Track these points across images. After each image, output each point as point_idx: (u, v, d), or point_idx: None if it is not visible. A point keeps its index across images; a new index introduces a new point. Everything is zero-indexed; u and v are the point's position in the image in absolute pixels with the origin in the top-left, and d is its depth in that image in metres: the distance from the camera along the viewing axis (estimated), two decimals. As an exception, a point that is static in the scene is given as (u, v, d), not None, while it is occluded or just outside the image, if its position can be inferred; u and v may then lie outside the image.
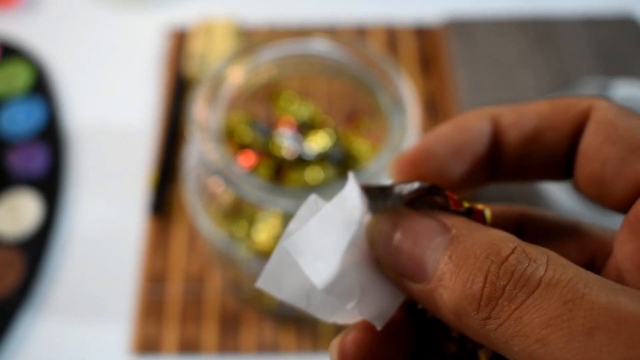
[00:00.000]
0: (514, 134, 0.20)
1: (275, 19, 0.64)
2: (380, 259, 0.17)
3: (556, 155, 0.20)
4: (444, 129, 0.21)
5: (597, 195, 0.19)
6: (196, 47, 0.60)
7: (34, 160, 0.55)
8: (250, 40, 0.62)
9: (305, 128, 0.50)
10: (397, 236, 0.17)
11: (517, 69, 0.57)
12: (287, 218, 0.44)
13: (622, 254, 0.16)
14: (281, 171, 0.49)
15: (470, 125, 0.21)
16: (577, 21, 0.60)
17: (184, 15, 0.64)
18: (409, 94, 0.43)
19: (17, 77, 0.60)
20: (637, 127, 0.18)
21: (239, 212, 0.45)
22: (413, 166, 0.21)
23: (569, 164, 0.20)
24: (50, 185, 0.54)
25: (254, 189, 0.39)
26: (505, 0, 0.64)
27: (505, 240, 0.15)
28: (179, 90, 0.58)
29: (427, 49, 0.62)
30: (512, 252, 0.15)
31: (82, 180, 0.56)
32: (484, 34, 0.60)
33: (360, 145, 0.50)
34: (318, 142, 0.49)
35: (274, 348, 0.47)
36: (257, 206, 0.42)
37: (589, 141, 0.19)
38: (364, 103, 0.48)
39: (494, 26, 0.60)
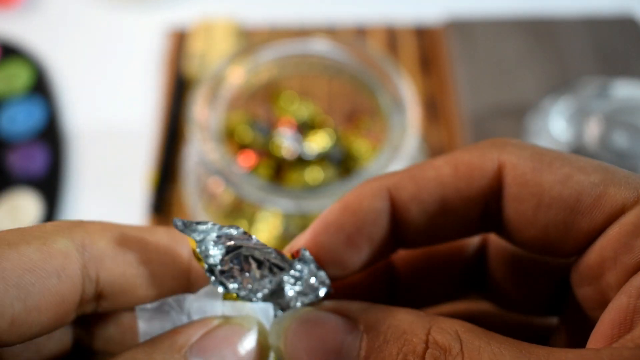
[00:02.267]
0: (416, 208, 0.18)
1: (275, 19, 0.64)
2: None
3: (468, 219, 0.18)
4: (333, 214, 0.18)
5: (544, 251, 0.18)
6: (196, 47, 0.60)
7: (34, 160, 0.55)
8: (250, 40, 0.62)
9: (305, 128, 0.50)
10: (306, 342, 0.16)
11: (517, 69, 0.57)
12: (287, 218, 0.44)
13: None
14: (281, 171, 0.49)
15: (363, 206, 0.18)
16: (578, 21, 0.60)
17: (184, 15, 0.64)
18: (409, 94, 0.43)
19: (17, 77, 0.60)
20: (561, 179, 0.16)
21: (239, 212, 0.45)
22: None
23: (485, 220, 0.18)
24: (50, 185, 0.54)
25: (254, 189, 0.39)
26: (505, 0, 0.64)
27: (415, 330, 0.15)
28: (179, 90, 0.58)
29: (427, 49, 0.62)
30: (426, 346, 0.15)
31: (82, 180, 0.56)
32: (484, 34, 0.60)
33: (360, 145, 0.50)
34: (318, 142, 0.49)
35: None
36: (257, 206, 0.42)
37: (518, 208, 0.17)
38: (364, 103, 0.48)
39: (494, 26, 0.60)
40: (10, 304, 0.15)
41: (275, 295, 0.18)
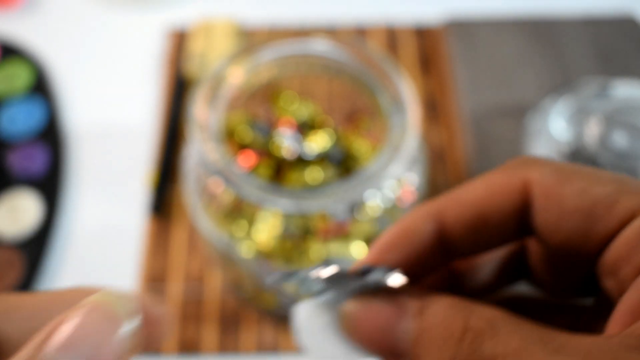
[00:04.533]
0: (460, 226, 0.21)
1: (275, 19, 0.64)
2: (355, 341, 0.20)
3: (506, 230, 0.21)
4: (389, 236, 0.21)
5: (571, 253, 0.20)
6: (196, 47, 0.60)
7: (34, 160, 0.55)
8: (250, 40, 0.62)
9: (305, 128, 0.50)
10: (365, 325, 0.19)
11: (517, 69, 0.57)
12: (287, 218, 0.44)
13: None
14: (281, 171, 0.49)
15: (414, 228, 0.21)
16: (578, 21, 0.60)
17: (184, 15, 0.64)
18: (409, 94, 0.43)
19: (17, 77, 0.60)
20: (579, 191, 0.19)
21: (239, 212, 0.45)
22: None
23: (522, 229, 0.21)
24: (50, 185, 0.54)
25: (254, 189, 0.39)
26: (505, 0, 0.64)
27: (456, 316, 0.18)
28: (179, 90, 0.58)
29: (427, 49, 0.62)
30: (465, 331, 0.17)
31: (82, 180, 0.56)
32: (484, 34, 0.60)
33: (360, 145, 0.50)
34: (318, 142, 0.49)
35: (273, 348, 0.47)
36: (257, 206, 0.42)
37: (544, 218, 0.20)
38: (364, 103, 0.48)
39: (494, 26, 0.60)
40: None
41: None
